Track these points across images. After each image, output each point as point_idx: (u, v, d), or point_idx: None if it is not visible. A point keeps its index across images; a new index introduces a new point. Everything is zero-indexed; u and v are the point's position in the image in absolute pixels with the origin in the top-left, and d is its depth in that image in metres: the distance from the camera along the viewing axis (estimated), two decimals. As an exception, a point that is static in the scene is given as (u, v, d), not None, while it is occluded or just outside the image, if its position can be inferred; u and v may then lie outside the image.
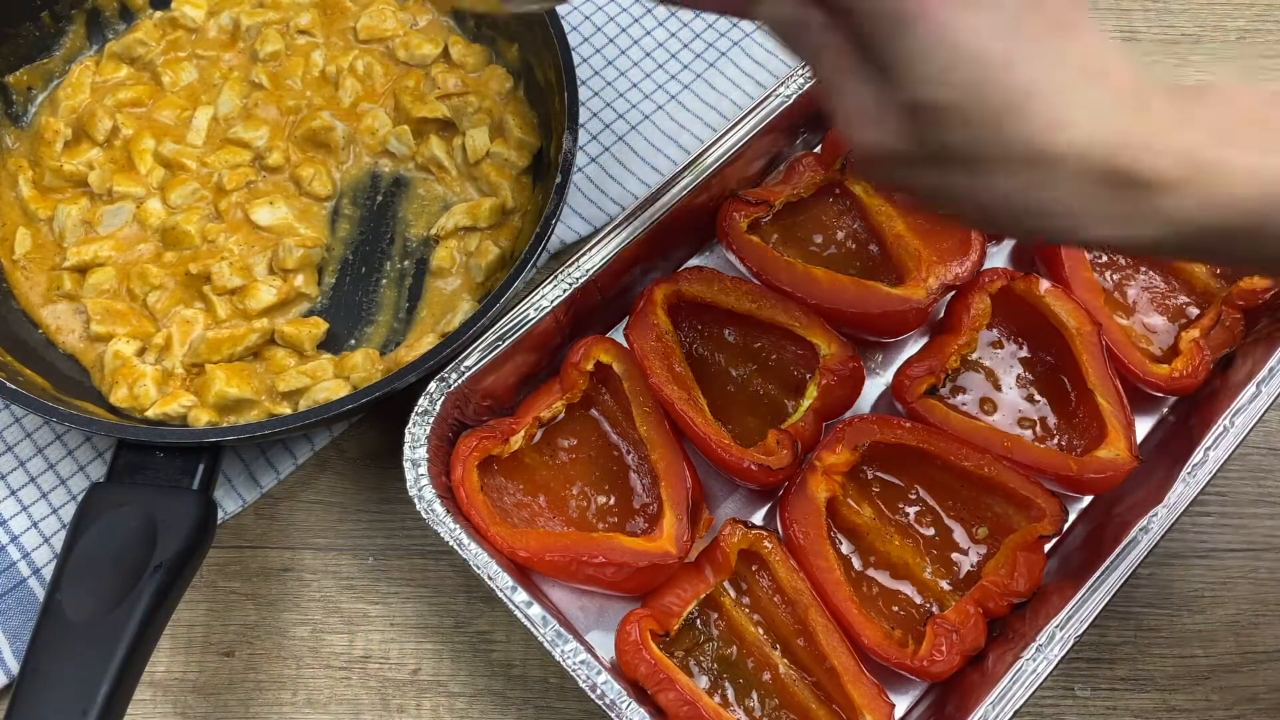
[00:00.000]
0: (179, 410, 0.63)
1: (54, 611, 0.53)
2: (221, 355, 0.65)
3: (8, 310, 0.68)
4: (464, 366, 0.61)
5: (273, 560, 0.67)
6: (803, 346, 0.65)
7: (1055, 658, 0.56)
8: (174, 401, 0.63)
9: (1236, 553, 0.68)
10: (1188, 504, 0.60)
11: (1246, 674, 0.65)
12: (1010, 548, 0.60)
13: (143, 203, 0.70)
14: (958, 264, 0.65)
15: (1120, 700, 0.64)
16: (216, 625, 0.65)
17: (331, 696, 0.64)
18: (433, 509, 0.58)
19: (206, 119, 0.73)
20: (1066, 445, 0.66)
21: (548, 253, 0.74)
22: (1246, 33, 0.85)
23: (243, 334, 0.66)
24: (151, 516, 0.56)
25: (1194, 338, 0.67)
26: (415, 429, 0.60)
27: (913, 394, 0.64)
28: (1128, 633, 0.66)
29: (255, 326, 0.66)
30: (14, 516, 0.66)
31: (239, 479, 0.68)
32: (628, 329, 0.65)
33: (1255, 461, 0.71)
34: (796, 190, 0.70)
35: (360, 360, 0.66)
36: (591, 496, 0.64)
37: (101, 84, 0.74)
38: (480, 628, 0.65)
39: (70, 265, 0.68)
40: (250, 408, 0.65)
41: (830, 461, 0.62)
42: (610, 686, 0.55)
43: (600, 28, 0.82)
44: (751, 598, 0.62)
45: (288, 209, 0.70)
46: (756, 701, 0.60)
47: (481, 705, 0.64)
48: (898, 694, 0.60)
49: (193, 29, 0.76)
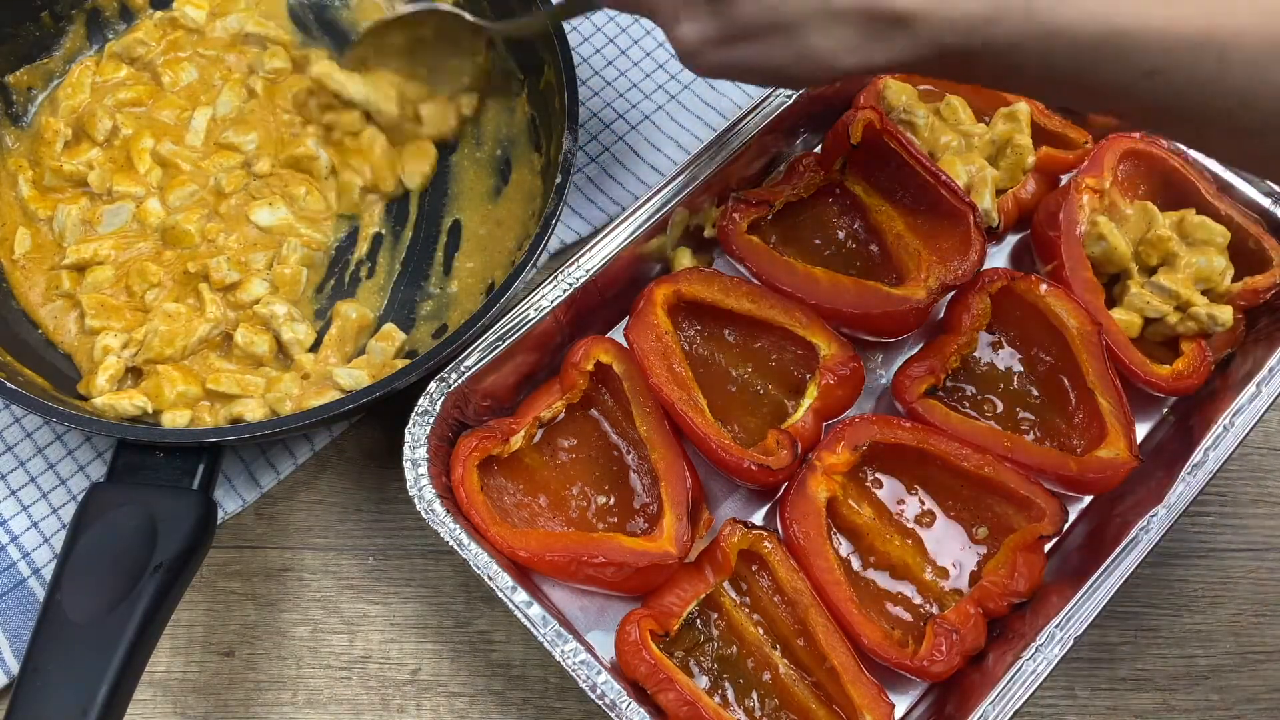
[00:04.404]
0: (131, 407, 0.63)
1: (54, 611, 0.53)
2: (175, 349, 0.65)
3: (7, 310, 0.68)
4: (464, 366, 0.61)
5: (272, 560, 0.67)
6: (803, 346, 0.65)
7: (1055, 658, 0.56)
8: (124, 397, 0.63)
9: (1236, 553, 0.68)
10: (1188, 504, 0.60)
11: (1246, 674, 0.65)
12: (1010, 548, 0.60)
13: (142, 202, 0.70)
14: (958, 264, 0.65)
15: (1120, 700, 0.64)
16: (216, 625, 0.65)
17: (331, 696, 0.64)
18: (433, 509, 0.58)
19: (206, 119, 0.73)
20: (1066, 445, 0.66)
21: (548, 253, 0.74)
22: (1246, 33, 0.84)
23: (194, 327, 0.65)
24: (151, 516, 0.56)
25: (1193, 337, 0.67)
26: (415, 429, 0.60)
27: (913, 394, 0.64)
28: (1128, 633, 0.66)
29: (209, 316, 0.66)
30: (14, 516, 0.66)
31: (239, 479, 0.68)
32: (628, 329, 0.65)
33: (1255, 461, 0.71)
34: (796, 190, 0.70)
35: (285, 383, 0.65)
36: (591, 496, 0.64)
37: (101, 84, 0.74)
38: (480, 628, 0.65)
39: (70, 263, 0.68)
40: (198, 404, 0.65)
41: (830, 461, 0.62)
42: (610, 686, 0.55)
43: (600, 28, 0.82)
44: (751, 598, 0.62)
45: (288, 210, 0.70)
46: (756, 702, 0.60)
47: (481, 705, 0.64)
48: (898, 694, 0.60)
49: (193, 29, 0.76)
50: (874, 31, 0.47)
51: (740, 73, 0.51)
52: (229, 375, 0.65)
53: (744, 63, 0.50)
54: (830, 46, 0.47)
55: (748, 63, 0.50)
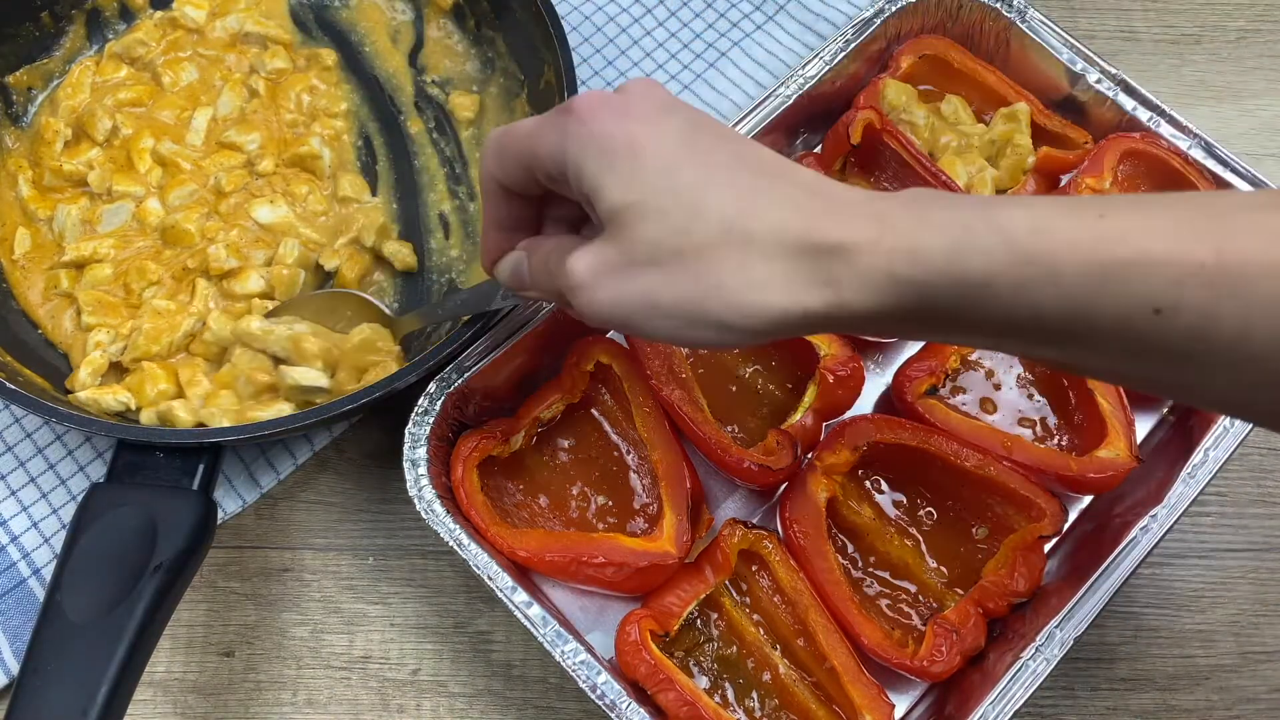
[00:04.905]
0: (115, 402, 0.63)
1: (54, 611, 0.53)
2: (161, 346, 0.65)
3: (7, 310, 0.68)
4: (464, 366, 0.61)
5: (272, 560, 0.67)
6: (803, 346, 0.65)
7: (1055, 658, 0.56)
8: (108, 393, 0.63)
9: (1236, 553, 0.68)
10: (1188, 504, 0.60)
11: (1246, 674, 0.65)
12: (1010, 548, 0.60)
13: (142, 202, 0.70)
14: (958, 264, 0.65)
15: (1120, 700, 0.64)
16: (216, 625, 0.65)
17: (331, 697, 0.64)
18: (432, 509, 0.58)
19: (206, 119, 0.73)
20: (1066, 445, 0.66)
21: (548, 253, 0.74)
22: (1246, 33, 0.85)
23: (179, 323, 0.65)
24: (151, 516, 0.56)
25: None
26: (415, 429, 0.60)
27: (913, 394, 0.64)
28: (1128, 633, 0.66)
29: (193, 311, 0.66)
30: (14, 516, 0.66)
31: (239, 479, 0.68)
32: (628, 329, 0.65)
33: (1255, 461, 0.71)
34: (796, 190, 0.69)
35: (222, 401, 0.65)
36: (591, 496, 0.64)
37: (101, 84, 0.74)
38: (480, 628, 0.65)
39: (69, 260, 0.68)
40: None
41: (830, 461, 0.62)
42: (610, 687, 0.55)
43: (600, 28, 0.82)
44: (751, 598, 0.62)
45: (289, 209, 0.70)
46: (756, 702, 0.60)
47: (481, 705, 0.64)
48: (898, 694, 0.60)
49: (193, 29, 0.76)
50: (806, 267, 0.39)
51: (644, 313, 0.42)
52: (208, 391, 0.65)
53: (647, 297, 0.41)
54: (748, 282, 0.40)
55: (651, 297, 0.41)
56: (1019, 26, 0.71)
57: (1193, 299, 0.36)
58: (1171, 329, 0.36)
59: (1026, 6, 0.71)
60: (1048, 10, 0.75)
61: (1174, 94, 0.82)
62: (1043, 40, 0.71)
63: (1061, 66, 0.71)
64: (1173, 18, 0.85)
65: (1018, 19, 0.71)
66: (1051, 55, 0.71)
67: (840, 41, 0.70)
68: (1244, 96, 0.82)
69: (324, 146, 0.72)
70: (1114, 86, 0.70)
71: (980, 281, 0.38)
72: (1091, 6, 0.85)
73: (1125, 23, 0.85)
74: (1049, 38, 0.71)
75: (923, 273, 0.38)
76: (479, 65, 0.77)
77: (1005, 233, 0.38)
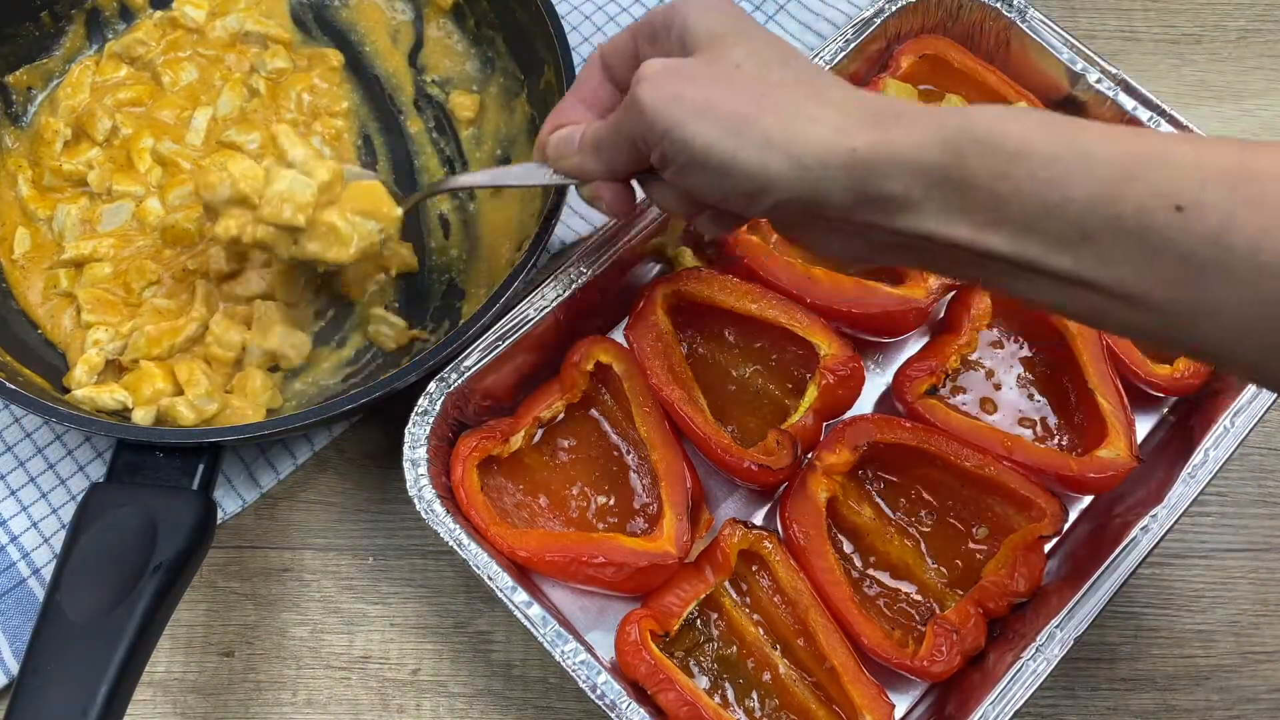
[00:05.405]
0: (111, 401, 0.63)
1: (54, 611, 0.53)
2: (161, 349, 0.65)
3: (7, 310, 0.68)
4: (464, 366, 0.61)
5: (272, 560, 0.67)
6: (803, 346, 0.65)
7: (1055, 658, 0.56)
8: (105, 391, 0.63)
9: (1237, 553, 0.68)
10: (1188, 504, 0.60)
11: (1246, 674, 0.65)
12: (1010, 548, 0.60)
13: (142, 201, 0.70)
14: (958, 264, 0.65)
15: (1120, 700, 0.64)
16: (216, 625, 0.65)
17: (331, 697, 0.64)
18: (432, 509, 0.58)
19: (206, 119, 0.73)
20: (1066, 445, 0.66)
21: (548, 253, 0.74)
22: (1246, 33, 0.85)
23: (181, 325, 0.65)
24: (151, 516, 0.56)
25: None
26: (415, 429, 0.60)
27: (913, 394, 0.64)
28: (1128, 633, 0.66)
29: (194, 315, 0.66)
30: (14, 516, 0.66)
31: (239, 479, 0.68)
32: (628, 329, 0.65)
33: (1255, 461, 0.71)
34: (796, 190, 0.69)
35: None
36: (591, 496, 0.64)
37: (101, 84, 0.74)
38: (480, 628, 0.65)
39: (68, 258, 0.68)
40: None
41: (830, 461, 0.62)
42: (610, 687, 0.55)
43: (600, 28, 0.82)
44: (752, 598, 0.62)
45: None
46: (756, 702, 0.60)
47: (481, 705, 0.64)
48: (898, 694, 0.60)
49: (193, 29, 0.76)
50: (861, 117, 0.44)
51: (697, 113, 0.45)
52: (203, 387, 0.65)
53: (707, 99, 0.45)
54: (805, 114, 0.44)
55: (711, 99, 0.46)
56: (1019, 26, 0.71)
57: (1214, 200, 0.37)
58: (1191, 230, 0.38)
59: (1027, 6, 0.71)
60: (1048, 10, 0.75)
61: (1174, 94, 0.82)
62: (1043, 40, 0.71)
63: (1062, 66, 0.71)
64: (1173, 17, 0.85)
65: (1018, 19, 0.71)
66: (1052, 55, 0.71)
67: (840, 41, 0.70)
68: (1244, 96, 0.82)
69: (324, 146, 0.72)
70: (1114, 86, 0.70)
71: (1016, 150, 0.40)
72: (1092, 6, 0.85)
73: (1125, 22, 0.85)
74: (1049, 37, 0.71)
75: (967, 134, 0.41)
76: (479, 65, 0.77)
77: (1043, 115, 0.42)
